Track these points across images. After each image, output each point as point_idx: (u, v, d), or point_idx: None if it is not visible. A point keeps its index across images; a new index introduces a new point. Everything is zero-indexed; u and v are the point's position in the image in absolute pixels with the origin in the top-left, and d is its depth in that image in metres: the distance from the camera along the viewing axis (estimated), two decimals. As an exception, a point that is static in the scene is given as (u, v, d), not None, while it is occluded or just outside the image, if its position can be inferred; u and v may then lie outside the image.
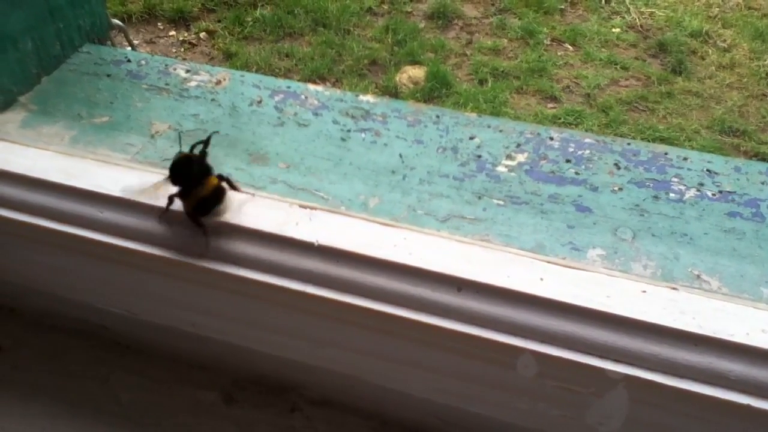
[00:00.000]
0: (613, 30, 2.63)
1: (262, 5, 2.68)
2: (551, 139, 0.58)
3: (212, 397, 0.58)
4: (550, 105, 2.34)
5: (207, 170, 0.47)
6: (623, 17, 2.69)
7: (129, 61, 0.66)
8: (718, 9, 2.74)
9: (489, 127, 0.59)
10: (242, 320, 0.51)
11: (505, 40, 2.58)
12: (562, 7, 2.72)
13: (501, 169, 0.55)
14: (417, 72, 2.44)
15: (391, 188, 0.54)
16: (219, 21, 2.63)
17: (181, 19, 2.62)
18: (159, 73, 0.64)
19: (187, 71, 0.65)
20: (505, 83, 2.39)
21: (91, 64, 0.66)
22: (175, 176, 0.46)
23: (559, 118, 2.27)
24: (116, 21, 0.76)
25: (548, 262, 0.45)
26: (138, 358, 0.61)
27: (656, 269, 0.47)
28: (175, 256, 0.47)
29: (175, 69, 0.65)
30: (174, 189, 0.47)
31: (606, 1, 2.76)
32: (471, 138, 0.58)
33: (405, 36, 2.55)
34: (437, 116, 0.60)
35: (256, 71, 2.39)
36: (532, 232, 0.50)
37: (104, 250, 0.49)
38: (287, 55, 2.49)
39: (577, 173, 0.55)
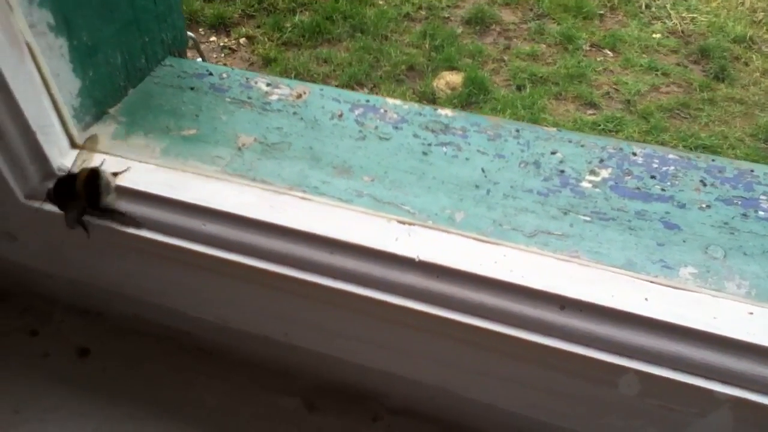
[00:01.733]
0: (654, 35, 2.60)
1: (301, 11, 2.71)
2: (634, 154, 0.58)
3: (295, 404, 0.60)
4: (590, 111, 2.33)
5: (73, 175, 0.52)
6: (664, 22, 2.66)
7: (211, 74, 0.68)
8: (762, 14, 2.69)
9: (570, 141, 0.59)
10: (335, 331, 0.52)
11: (544, 46, 2.57)
12: (602, 12, 2.70)
13: (585, 184, 0.55)
14: (454, 77, 2.45)
15: (475, 203, 0.54)
16: (258, 27, 2.66)
17: (221, 25, 2.67)
18: (241, 86, 0.66)
19: (268, 84, 0.66)
20: (544, 89, 2.38)
21: (175, 77, 0.68)
22: (59, 198, 0.52)
23: (599, 125, 2.25)
24: (189, 33, 0.78)
25: (648, 281, 0.45)
26: (221, 364, 0.62)
27: (750, 288, 0.47)
28: (275, 268, 0.48)
29: (256, 82, 0.66)
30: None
31: (646, 7, 2.73)
32: (552, 153, 0.58)
33: (442, 41, 2.56)
34: (517, 130, 0.61)
35: (295, 77, 2.42)
36: (622, 249, 0.50)
37: (204, 261, 0.51)
38: (325, 61, 2.51)
39: (663, 189, 0.55)
